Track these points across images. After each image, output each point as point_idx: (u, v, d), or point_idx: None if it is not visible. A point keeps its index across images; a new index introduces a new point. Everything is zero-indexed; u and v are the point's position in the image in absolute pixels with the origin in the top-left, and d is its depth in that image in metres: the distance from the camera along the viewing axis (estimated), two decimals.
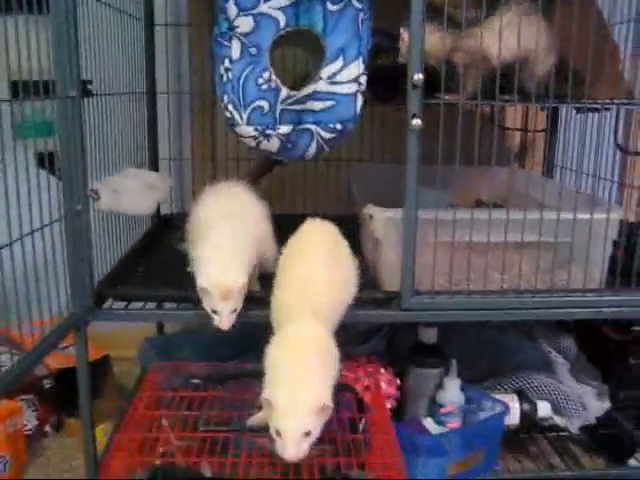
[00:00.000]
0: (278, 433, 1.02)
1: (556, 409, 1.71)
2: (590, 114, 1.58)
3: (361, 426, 1.19)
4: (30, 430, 1.84)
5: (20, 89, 1.19)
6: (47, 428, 1.92)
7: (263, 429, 1.08)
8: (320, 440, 1.10)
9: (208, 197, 1.48)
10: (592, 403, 1.76)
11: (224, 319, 1.24)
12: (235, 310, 1.25)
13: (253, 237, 1.39)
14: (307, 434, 1.02)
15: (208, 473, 1.10)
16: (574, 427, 1.72)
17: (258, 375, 1.15)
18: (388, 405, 1.52)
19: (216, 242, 1.31)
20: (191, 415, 1.20)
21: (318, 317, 1.16)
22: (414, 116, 1.30)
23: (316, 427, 1.03)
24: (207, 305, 1.26)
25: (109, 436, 1.67)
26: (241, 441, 1.12)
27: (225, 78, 1.48)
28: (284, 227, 1.54)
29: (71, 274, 1.33)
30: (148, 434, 1.13)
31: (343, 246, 1.39)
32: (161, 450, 1.14)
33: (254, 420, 1.11)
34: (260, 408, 1.10)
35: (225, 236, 1.33)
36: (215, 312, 1.25)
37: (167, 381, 1.31)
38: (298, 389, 1.04)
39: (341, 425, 1.18)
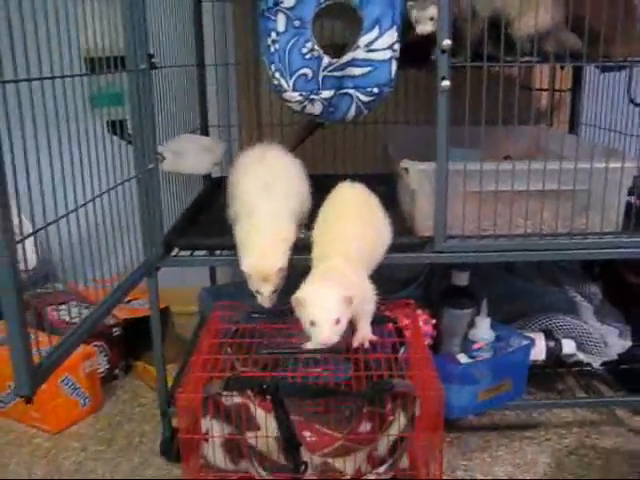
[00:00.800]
0: (312, 323, 1.20)
1: (580, 346, 1.86)
2: (617, 73, 1.68)
3: (402, 349, 1.36)
4: (102, 373, 2.06)
5: (96, 65, 1.37)
6: (117, 371, 2.14)
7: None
8: (368, 359, 1.28)
9: (245, 164, 1.60)
10: (614, 341, 1.90)
11: (265, 299, 1.37)
12: (275, 290, 1.37)
13: (292, 204, 1.50)
14: (337, 321, 1.20)
15: None
16: (596, 363, 1.86)
17: None
18: (425, 343, 1.68)
19: (256, 225, 1.42)
20: (253, 343, 1.38)
21: (348, 260, 1.32)
22: (443, 78, 1.45)
23: (344, 315, 1.21)
24: (250, 286, 1.39)
25: (174, 375, 1.87)
26: (298, 362, 1.29)
27: (272, 49, 1.63)
28: (325, 186, 1.70)
29: (143, 226, 1.52)
30: (217, 357, 1.31)
31: (373, 202, 1.55)
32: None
33: (308, 345, 1.29)
34: None
35: (265, 218, 1.43)
36: (258, 292, 1.38)
37: (230, 317, 1.48)
38: (324, 285, 1.24)
39: (384, 348, 1.35)
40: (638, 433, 1.82)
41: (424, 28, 1.52)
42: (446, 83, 1.43)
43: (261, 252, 1.37)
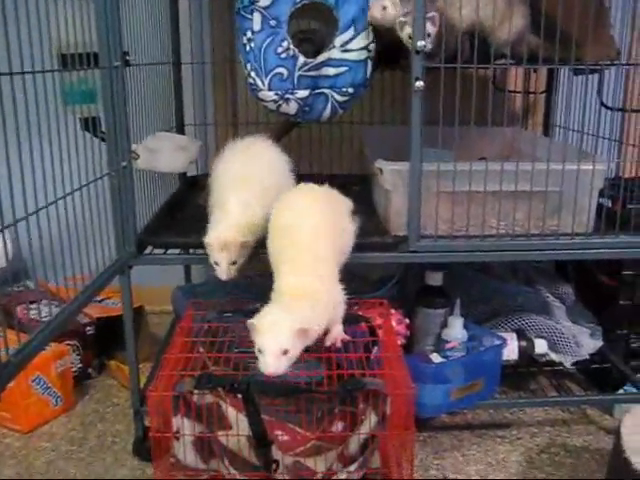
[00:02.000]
0: (260, 351, 1.15)
1: (552, 346, 1.88)
2: (589, 76, 1.70)
3: (374, 349, 1.37)
4: (75, 372, 2.04)
5: (68, 61, 1.36)
6: (90, 370, 2.12)
7: None
8: (339, 358, 1.29)
9: (227, 157, 1.60)
10: (586, 341, 1.92)
11: (223, 269, 1.40)
12: (234, 263, 1.40)
13: (268, 196, 1.46)
14: (285, 352, 1.14)
15: None
16: (568, 362, 1.88)
17: None
18: (398, 342, 1.69)
19: (226, 210, 1.44)
20: (225, 342, 1.37)
21: (318, 275, 1.29)
22: (417, 79, 1.45)
23: (294, 347, 1.15)
24: (210, 258, 1.42)
25: (147, 374, 1.86)
26: None
27: (248, 48, 1.64)
28: None
29: (116, 224, 1.51)
30: (189, 356, 1.30)
31: (331, 200, 1.53)
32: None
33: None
34: None
35: (235, 204, 1.44)
36: (216, 263, 1.41)
37: (202, 316, 1.48)
38: (279, 314, 1.20)
39: (356, 348, 1.35)
40: (608, 432, 1.84)
41: (373, 14, 1.55)
42: (420, 84, 1.44)
43: (225, 227, 1.41)
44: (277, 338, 1.15)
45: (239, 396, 1.18)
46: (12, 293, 1.74)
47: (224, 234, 1.39)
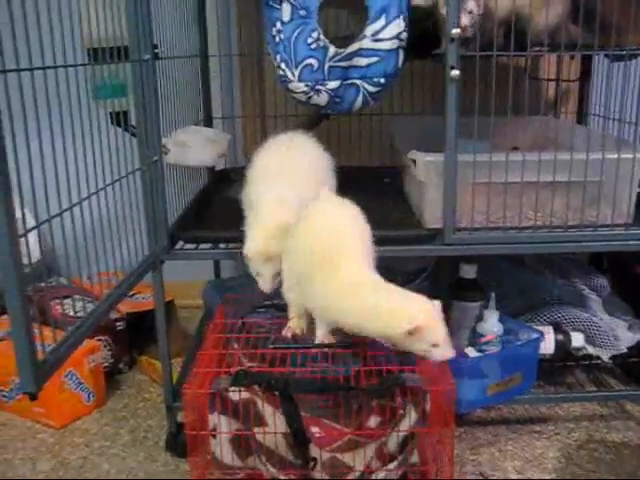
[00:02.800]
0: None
1: (589, 339, 1.84)
2: (630, 62, 1.66)
3: None
4: (106, 367, 2.04)
5: (99, 55, 1.34)
6: (121, 366, 2.12)
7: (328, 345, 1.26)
8: (376, 354, 1.27)
9: (264, 152, 1.55)
10: (624, 334, 1.88)
11: (267, 281, 1.35)
12: (278, 274, 1.34)
13: (303, 192, 1.42)
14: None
15: None
16: (606, 356, 1.84)
17: None
18: None
19: (260, 211, 1.39)
20: (260, 338, 1.36)
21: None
22: (452, 67, 1.42)
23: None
24: (251, 270, 1.37)
25: (178, 370, 1.86)
26: (306, 356, 1.27)
27: (277, 39, 1.61)
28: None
29: (148, 219, 1.50)
30: (223, 352, 1.29)
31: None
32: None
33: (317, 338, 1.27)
34: None
35: (268, 204, 1.39)
36: (258, 274, 1.36)
37: (236, 311, 1.47)
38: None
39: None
40: None
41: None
42: (455, 72, 1.41)
43: (263, 235, 1.35)
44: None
45: (276, 393, 1.16)
46: (45, 288, 1.74)
47: (263, 244, 1.34)
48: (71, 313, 1.80)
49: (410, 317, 1.12)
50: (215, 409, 1.19)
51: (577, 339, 1.81)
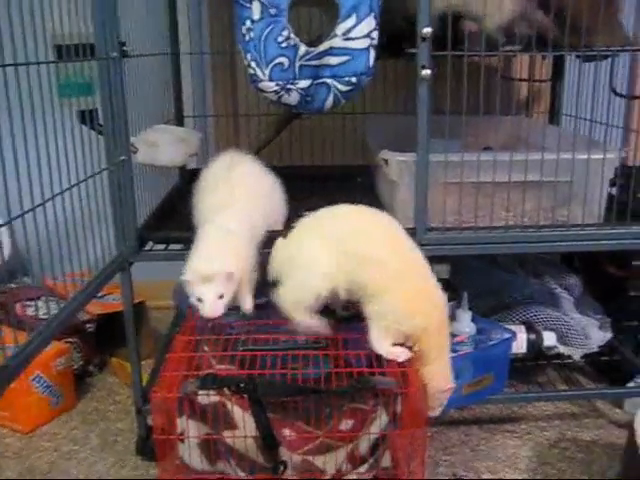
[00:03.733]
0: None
1: (561, 339, 1.85)
2: (600, 62, 1.66)
3: None
4: (76, 370, 2.00)
5: (64, 52, 1.32)
6: (91, 368, 2.09)
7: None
8: (347, 355, 1.25)
9: (208, 181, 1.49)
10: (595, 333, 1.89)
11: (209, 304, 1.23)
12: (221, 297, 1.24)
13: (252, 219, 1.38)
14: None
15: None
16: (577, 355, 1.85)
17: None
18: None
19: (204, 233, 1.32)
20: (230, 340, 1.34)
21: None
22: (423, 67, 1.41)
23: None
24: (192, 295, 1.25)
25: (149, 372, 1.83)
26: (276, 358, 1.26)
27: (247, 37, 1.59)
28: (302, 177, 1.66)
29: (116, 219, 1.47)
30: (193, 355, 1.27)
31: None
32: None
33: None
34: None
35: (214, 228, 1.33)
36: (200, 300, 1.24)
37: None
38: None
39: (365, 344, 1.31)
40: (619, 425, 1.81)
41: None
42: (427, 72, 1.40)
43: (205, 255, 1.28)
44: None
45: (245, 396, 1.14)
46: (9, 290, 1.71)
47: (204, 265, 1.25)
48: (36, 315, 1.76)
49: None
50: (183, 413, 1.17)
51: (549, 338, 1.81)
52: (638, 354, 1.92)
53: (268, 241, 1.38)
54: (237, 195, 1.40)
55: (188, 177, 2.11)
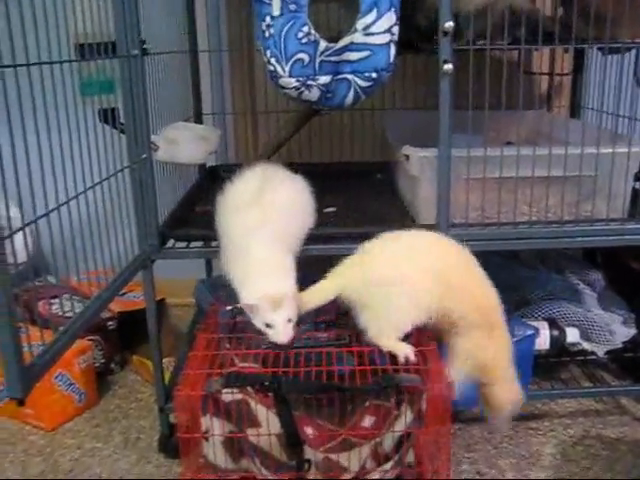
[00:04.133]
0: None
1: (584, 335, 1.83)
2: (626, 55, 1.64)
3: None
4: (98, 368, 2.02)
5: (86, 51, 1.32)
6: (113, 366, 2.10)
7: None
8: (371, 352, 1.25)
9: (239, 193, 1.43)
10: (619, 329, 1.87)
11: (281, 329, 1.21)
12: (290, 320, 1.22)
13: (291, 236, 1.37)
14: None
15: None
16: (601, 351, 1.83)
17: None
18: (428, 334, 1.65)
19: (254, 258, 1.27)
20: (252, 337, 1.33)
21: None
22: (445, 62, 1.40)
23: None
24: (258, 321, 1.23)
25: (171, 370, 1.83)
26: (300, 355, 1.25)
27: (267, 34, 1.58)
28: (322, 174, 1.65)
29: (138, 217, 1.48)
30: (215, 353, 1.27)
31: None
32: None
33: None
34: None
35: (262, 250, 1.28)
36: (269, 326, 1.22)
37: (227, 311, 1.44)
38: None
39: None
40: None
41: None
42: (448, 67, 1.39)
43: (266, 280, 1.24)
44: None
45: (269, 394, 1.14)
46: (33, 288, 1.71)
47: (275, 289, 1.22)
48: (60, 313, 1.77)
49: None
50: (207, 411, 1.16)
51: (572, 334, 1.80)
52: None
53: None
54: (269, 216, 1.34)
55: (208, 174, 2.12)
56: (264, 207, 1.35)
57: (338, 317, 1.38)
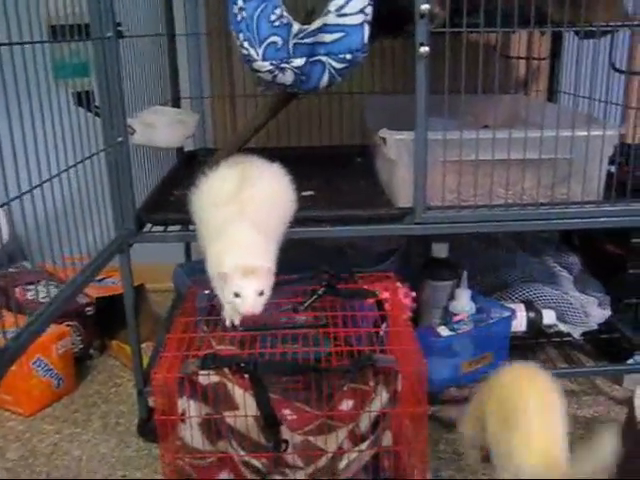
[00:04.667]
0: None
1: (560, 317, 1.85)
2: (601, 39, 1.64)
3: (383, 324, 1.33)
4: (76, 353, 2.01)
5: (59, 33, 1.30)
6: (91, 351, 2.10)
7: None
8: (348, 334, 1.26)
9: (215, 188, 1.41)
10: (594, 311, 1.89)
11: (249, 300, 1.17)
12: (262, 294, 1.19)
13: (274, 225, 1.35)
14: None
15: None
16: (577, 333, 1.85)
17: (286, 283, 1.31)
18: (404, 316, 1.66)
19: (234, 233, 1.25)
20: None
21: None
22: (421, 44, 1.40)
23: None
24: (228, 291, 1.19)
25: (149, 354, 1.83)
26: (277, 338, 1.26)
27: (239, 17, 1.57)
28: (301, 159, 1.65)
29: (114, 201, 1.47)
30: (193, 335, 1.27)
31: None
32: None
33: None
34: None
35: (248, 228, 1.26)
36: (237, 295, 1.18)
37: (205, 294, 1.44)
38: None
39: (366, 323, 1.32)
40: (618, 402, 1.82)
41: None
42: (425, 49, 1.39)
43: (245, 250, 1.22)
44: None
45: (245, 376, 1.14)
46: (9, 274, 1.70)
47: (248, 259, 1.19)
48: (37, 299, 1.76)
49: None
50: (184, 393, 1.17)
51: (548, 316, 1.81)
52: (637, 331, 1.91)
53: None
54: (248, 211, 1.30)
55: (186, 158, 2.11)
56: (243, 203, 1.31)
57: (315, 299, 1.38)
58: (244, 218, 1.27)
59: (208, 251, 1.29)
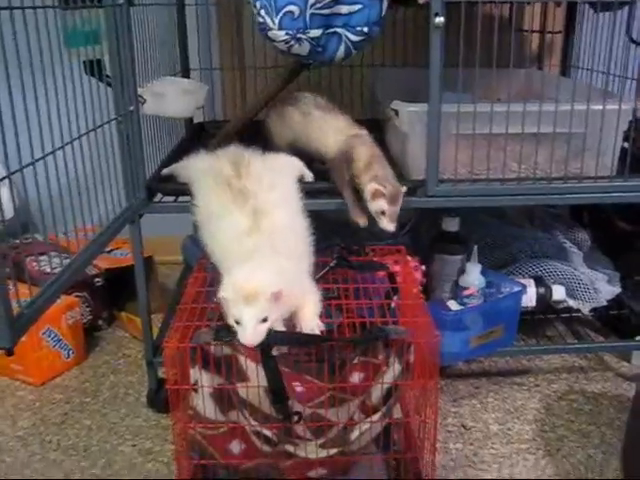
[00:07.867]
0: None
1: (570, 292, 1.84)
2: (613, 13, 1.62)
3: (395, 297, 1.33)
4: (85, 324, 2.01)
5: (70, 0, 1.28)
6: (100, 322, 2.10)
7: None
8: (359, 306, 1.25)
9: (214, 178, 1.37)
10: (604, 287, 1.89)
11: (248, 330, 1.07)
12: (265, 320, 1.09)
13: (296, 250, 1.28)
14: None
15: None
16: (586, 309, 1.85)
17: None
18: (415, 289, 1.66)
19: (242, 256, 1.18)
20: None
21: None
22: (436, 15, 1.38)
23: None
24: (230, 317, 1.11)
25: (159, 325, 1.84)
26: None
27: None
28: None
29: (125, 171, 1.46)
30: (204, 306, 1.27)
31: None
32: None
33: None
34: None
35: (251, 249, 1.20)
36: (238, 323, 1.09)
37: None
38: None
39: (377, 294, 1.32)
40: (626, 378, 1.82)
41: None
42: (440, 19, 1.37)
43: (248, 272, 1.13)
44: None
45: (257, 349, 1.14)
46: (21, 245, 1.70)
47: (247, 283, 1.09)
48: (47, 270, 1.76)
49: None
50: (196, 363, 1.17)
51: (558, 292, 1.81)
52: None
53: None
54: (264, 226, 1.24)
55: (195, 130, 2.10)
56: (249, 216, 1.26)
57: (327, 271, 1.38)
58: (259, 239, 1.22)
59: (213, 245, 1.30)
